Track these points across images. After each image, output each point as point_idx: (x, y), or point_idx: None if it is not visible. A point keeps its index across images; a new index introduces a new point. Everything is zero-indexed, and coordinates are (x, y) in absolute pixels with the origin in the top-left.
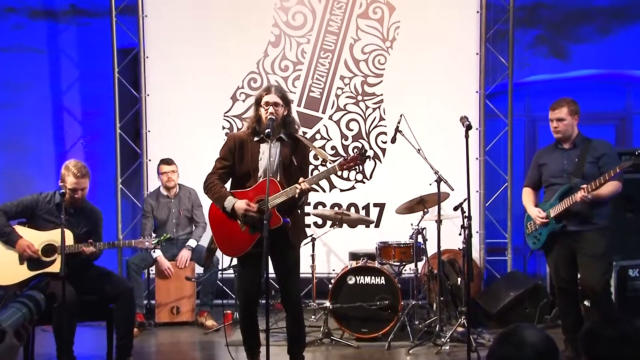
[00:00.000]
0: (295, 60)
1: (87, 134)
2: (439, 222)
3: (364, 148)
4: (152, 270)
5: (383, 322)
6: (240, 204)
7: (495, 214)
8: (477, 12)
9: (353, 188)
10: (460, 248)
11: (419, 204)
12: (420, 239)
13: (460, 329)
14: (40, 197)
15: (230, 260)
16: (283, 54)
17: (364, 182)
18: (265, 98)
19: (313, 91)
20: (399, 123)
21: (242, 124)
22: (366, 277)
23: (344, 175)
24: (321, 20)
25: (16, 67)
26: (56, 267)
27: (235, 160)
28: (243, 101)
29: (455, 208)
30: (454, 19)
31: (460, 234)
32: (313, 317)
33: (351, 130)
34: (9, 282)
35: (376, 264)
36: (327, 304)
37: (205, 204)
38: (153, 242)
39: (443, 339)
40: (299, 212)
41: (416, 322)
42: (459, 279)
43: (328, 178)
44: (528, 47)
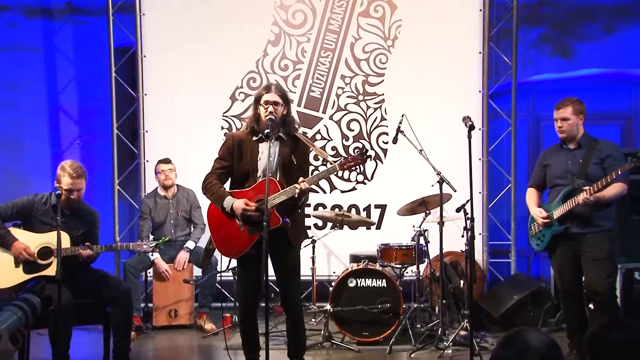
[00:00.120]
0: (295, 59)
1: (84, 134)
2: (441, 224)
3: (365, 148)
4: (150, 272)
5: (384, 326)
6: (238, 204)
7: (498, 216)
8: (480, 11)
9: (354, 189)
10: (462, 250)
11: (421, 206)
12: (422, 241)
13: (462, 333)
14: (36, 199)
15: (229, 262)
16: (283, 53)
17: (365, 183)
18: (265, 97)
19: (313, 91)
20: (401, 123)
21: (242, 124)
22: (367, 280)
23: (345, 176)
24: (321, 18)
25: (11, 67)
26: (52, 270)
27: (234, 160)
28: (242, 101)
29: (457, 209)
30: (457, 17)
31: (462, 236)
32: (313, 321)
33: (352, 130)
34: (5, 286)
35: (377, 267)
36: (328, 307)
37: (203, 205)
38: (151, 245)
39: (445, 343)
40: (299, 211)
41: (418, 326)
42: (462, 282)
43: (328, 179)
44: (532, 46)
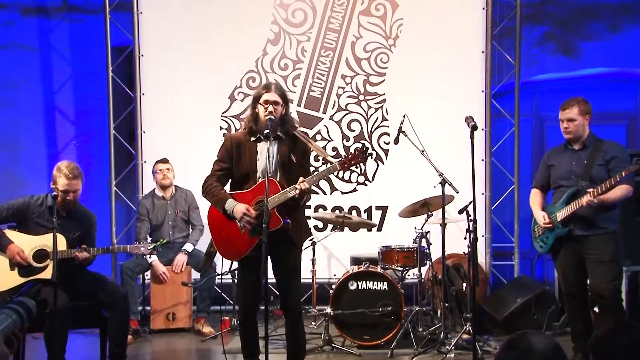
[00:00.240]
0: (295, 58)
1: (80, 135)
2: (444, 226)
3: (365, 146)
4: (147, 275)
5: (385, 329)
6: (239, 208)
7: (501, 217)
8: (483, 9)
9: (355, 190)
10: (465, 252)
11: (423, 207)
12: (424, 243)
13: (465, 336)
14: (31, 200)
15: (230, 264)
16: (282, 53)
17: (366, 185)
18: (264, 96)
19: (313, 91)
20: (402, 123)
21: (240, 124)
22: (368, 283)
23: (345, 177)
24: (322, 17)
25: (7, 65)
26: (48, 273)
27: (233, 161)
28: (241, 101)
29: (460, 211)
30: (459, 16)
31: (465, 238)
32: (313, 324)
33: (353, 130)
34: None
35: (378, 269)
36: (328, 310)
37: (202, 207)
38: (149, 248)
39: (448, 347)
40: (301, 210)
41: (420, 329)
42: (464, 285)
43: (329, 179)
44: (535, 45)
